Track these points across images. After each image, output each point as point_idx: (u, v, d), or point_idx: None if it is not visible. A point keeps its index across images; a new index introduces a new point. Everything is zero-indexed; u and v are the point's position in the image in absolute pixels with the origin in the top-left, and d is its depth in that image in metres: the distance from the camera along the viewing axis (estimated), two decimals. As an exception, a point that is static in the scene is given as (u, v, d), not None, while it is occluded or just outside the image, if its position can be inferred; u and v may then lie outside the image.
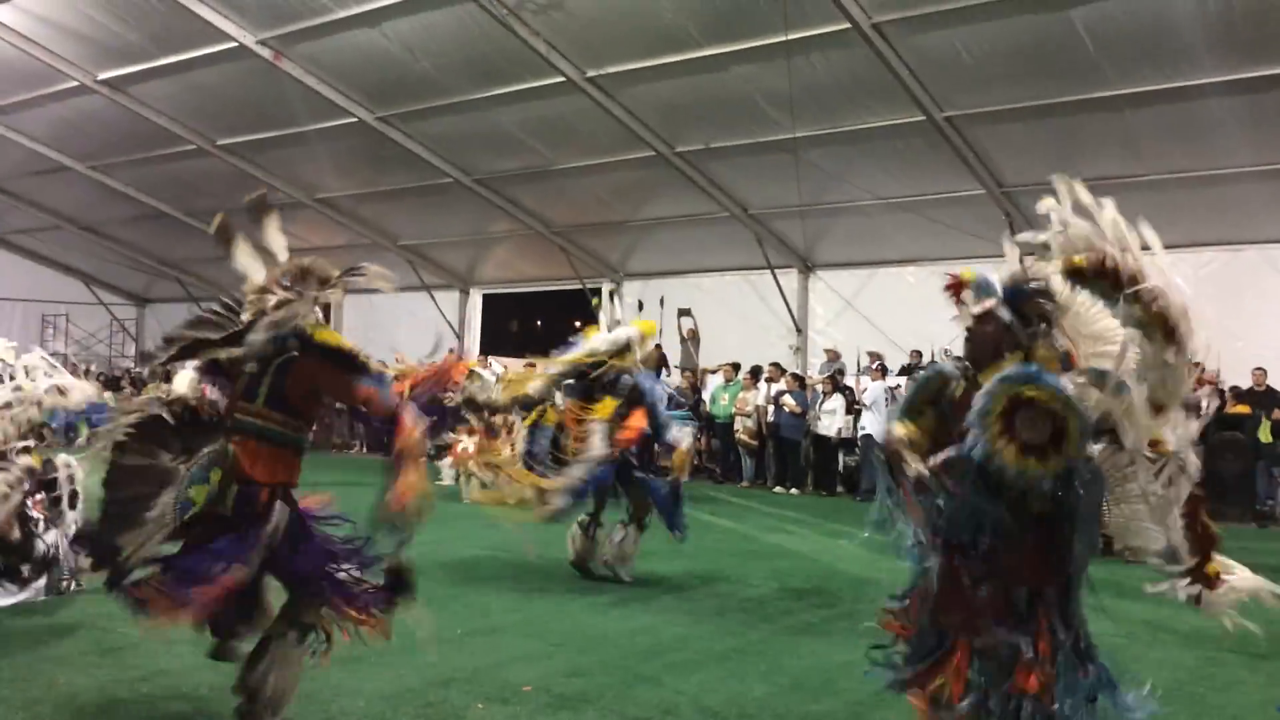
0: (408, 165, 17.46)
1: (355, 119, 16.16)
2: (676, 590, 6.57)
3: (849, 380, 15.63)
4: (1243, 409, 12.99)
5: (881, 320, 16.52)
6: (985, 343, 3.47)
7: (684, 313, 18.10)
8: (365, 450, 18.06)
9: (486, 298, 22.57)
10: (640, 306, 19.15)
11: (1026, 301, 3.49)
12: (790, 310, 17.33)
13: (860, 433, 14.43)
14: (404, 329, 20.82)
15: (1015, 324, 3.45)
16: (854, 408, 14.76)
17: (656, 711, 3.97)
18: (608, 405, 6.84)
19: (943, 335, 16.26)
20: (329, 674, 3.94)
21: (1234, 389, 13.42)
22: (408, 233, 20.77)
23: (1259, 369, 12.95)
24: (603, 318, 7.61)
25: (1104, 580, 7.49)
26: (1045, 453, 3.07)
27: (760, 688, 4.37)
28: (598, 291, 20.02)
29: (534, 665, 4.60)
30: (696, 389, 16.41)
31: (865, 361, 15.72)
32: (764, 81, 13.38)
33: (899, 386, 14.99)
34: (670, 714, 3.94)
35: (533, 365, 8.58)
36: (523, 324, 45.57)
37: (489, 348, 22.70)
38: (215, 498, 3.44)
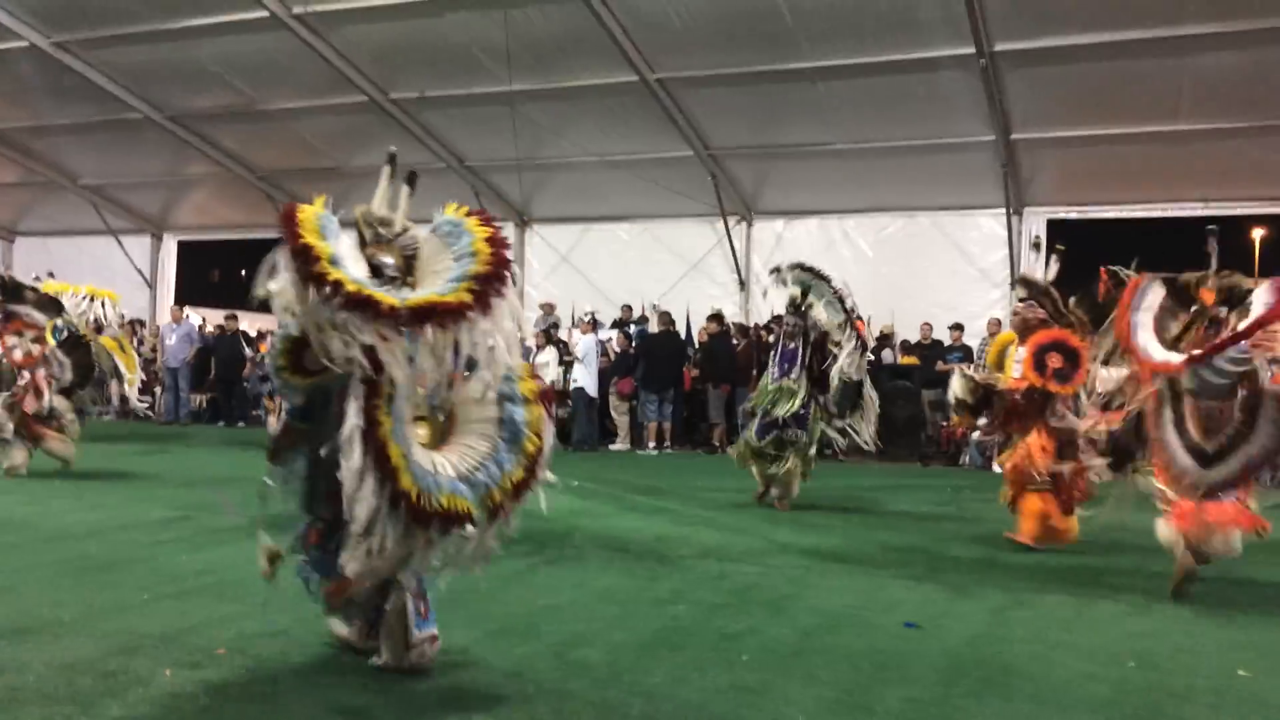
0: (91, 98, 15.99)
1: (26, 43, 14.58)
2: (384, 544, 6.49)
3: (563, 334, 15.89)
4: (912, 360, 14.35)
5: (595, 275, 16.90)
6: None
7: (397, 264, 17.70)
8: None
9: (182, 244, 21.08)
10: (352, 257, 18.49)
11: None
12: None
13: (572, 385, 14.72)
14: (88, 277, 19.09)
15: None
16: (566, 361, 15.03)
17: (357, 666, 3.93)
18: None
19: (653, 290, 16.94)
20: (-8, 648, 3.63)
21: (904, 342, 14.80)
22: (90, 171, 19.02)
23: (925, 324, 14.33)
24: None
25: (789, 520, 8.06)
26: None
27: (465, 635, 4.42)
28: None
29: (229, 627, 4.42)
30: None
31: (579, 315, 16.04)
32: (481, 32, 13.25)
33: (610, 340, 15.43)
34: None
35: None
36: (225, 274, 42.98)
37: (186, 298, 21.28)
38: None
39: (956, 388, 7.29)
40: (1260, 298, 5.54)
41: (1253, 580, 6.16)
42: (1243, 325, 5.37)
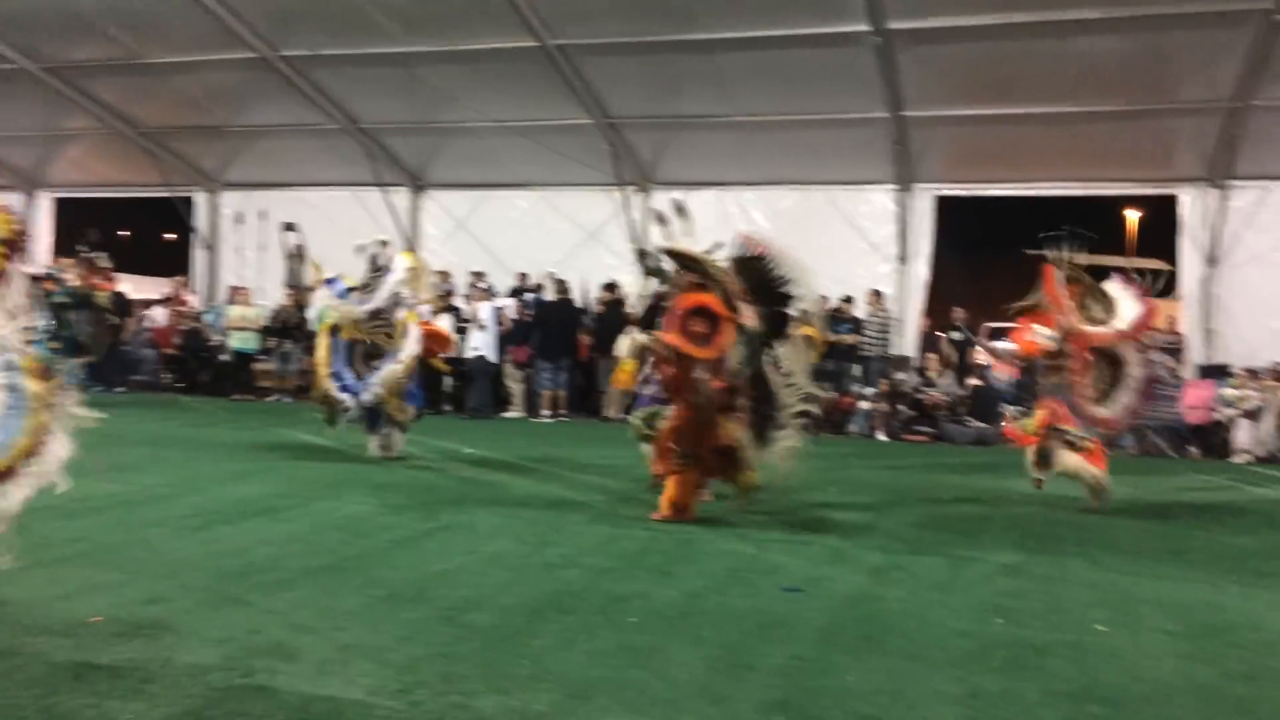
0: (-43, 46, 15.13)
1: (-114, -16, 13.76)
2: (268, 513, 6.39)
3: (458, 301, 15.75)
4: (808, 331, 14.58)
5: (492, 242, 16.76)
6: None
7: (288, 227, 17.32)
8: None
9: (59, 202, 20.20)
10: (240, 219, 18.05)
11: None
12: (401, 229, 17.09)
13: (472, 352, 14.63)
14: (-47, 234, 18.22)
15: None
16: (460, 328, 14.92)
17: (241, 631, 3.88)
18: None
19: (549, 259, 16.89)
20: None
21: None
22: (-45, 123, 18.04)
23: (821, 296, 14.51)
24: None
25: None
26: None
27: (354, 600, 4.40)
28: (188, 201, 18.61)
29: (104, 595, 4.31)
30: (302, 307, 15.80)
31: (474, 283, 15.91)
32: (377, -10, 12.96)
33: (504, 308, 15.37)
34: (257, 633, 3.87)
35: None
36: (105, 233, 41.31)
37: (63, 258, 20.40)
38: None
39: (623, 349, 7.45)
40: (1114, 289, 7.91)
41: (1114, 543, 6.50)
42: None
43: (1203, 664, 3.95)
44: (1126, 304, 7.80)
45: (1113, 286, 7.95)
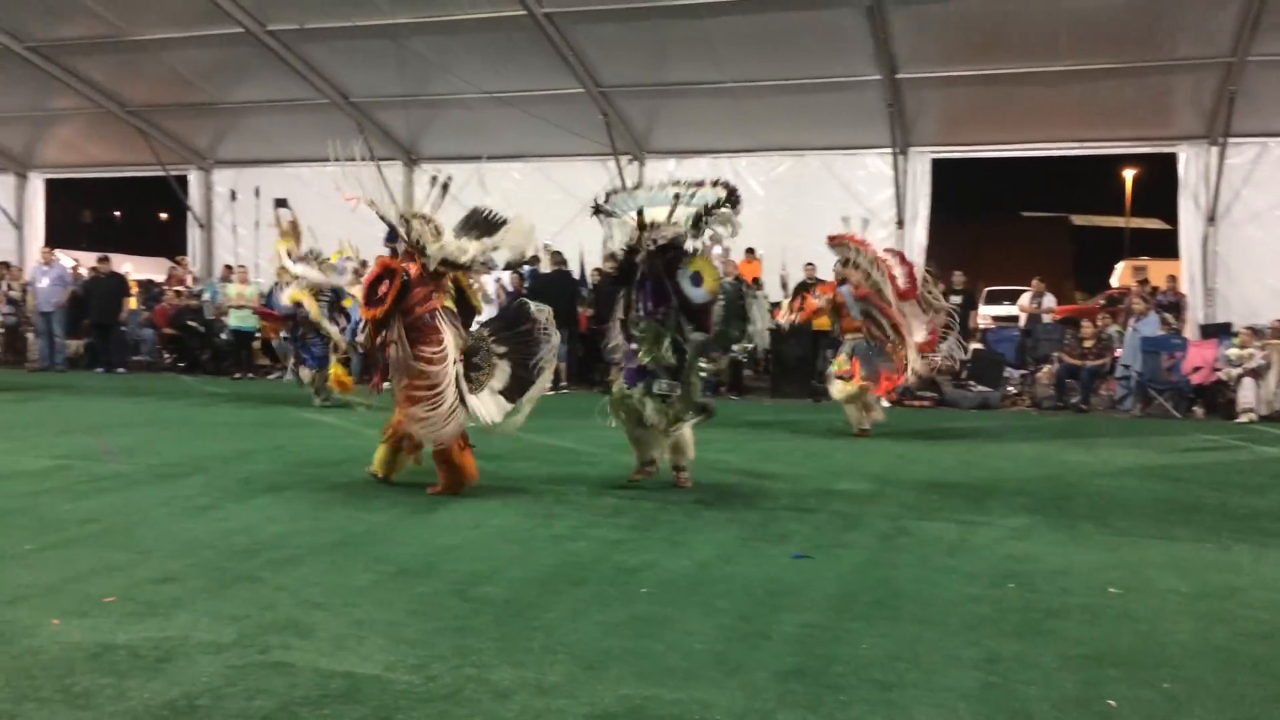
0: (-60, 26, 14.96)
1: None
2: (274, 490, 6.38)
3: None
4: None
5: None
6: None
7: (281, 203, 17.21)
8: None
9: (50, 183, 20.05)
10: (234, 196, 17.93)
11: None
12: (394, 203, 16.94)
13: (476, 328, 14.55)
14: (-54, 217, 18.18)
15: None
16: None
17: (254, 609, 3.88)
18: None
19: (547, 231, 16.77)
20: None
21: (801, 284, 14.94)
22: (-58, 105, 17.89)
23: (809, 264, 14.44)
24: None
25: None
26: None
27: (364, 576, 4.40)
28: (182, 180, 18.50)
29: (117, 575, 4.31)
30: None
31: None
32: (362, -40, 12.82)
33: (500, 280, 15.29)
34: (269, 609, 3.87)
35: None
36: (97, 214, 41.12)
37: (56, 240, 20.30)
38: None
39: None
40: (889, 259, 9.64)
41: (1125, 504, 6.51)
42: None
43: (1219, 625, 3.95)
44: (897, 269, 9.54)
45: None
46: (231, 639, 3.53)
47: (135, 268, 18.94)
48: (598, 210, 6.93)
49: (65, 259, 18.36)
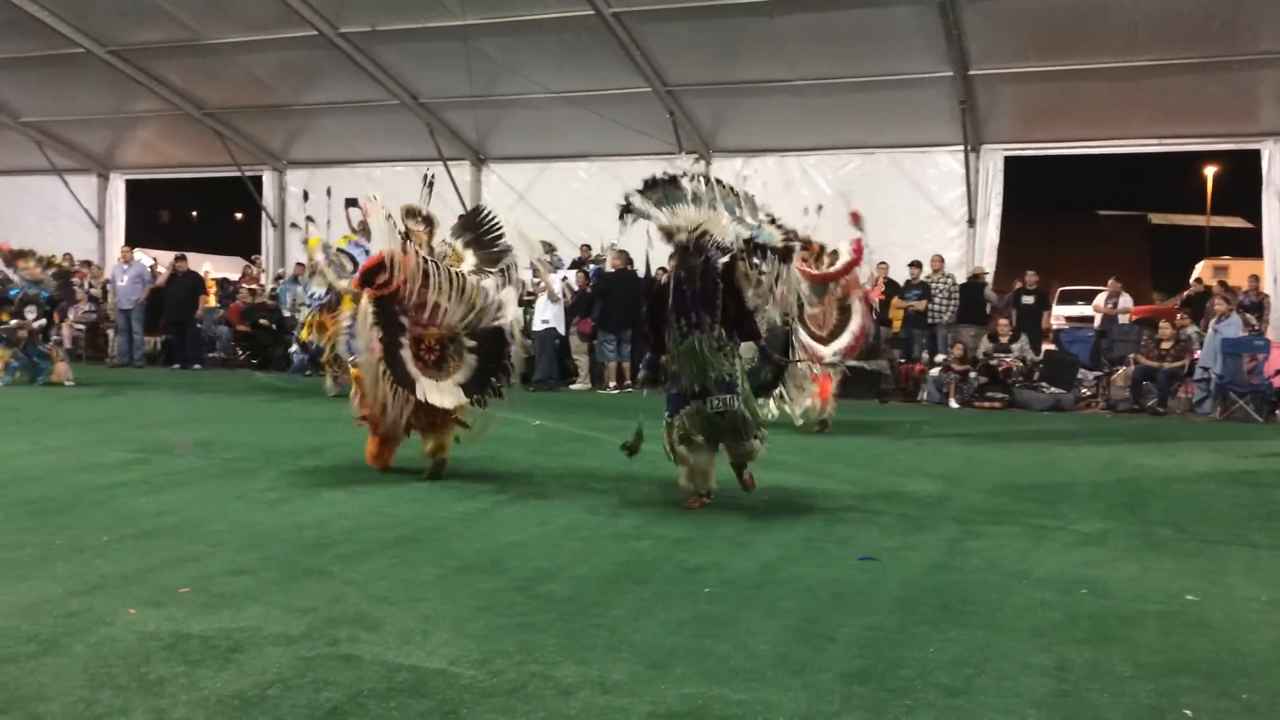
0: (30, 32, 15.47)
1: (-40, -25, 14.09)
2: (344, 485, 6.48)
3: (524, 273, 15.73)
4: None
5: (553, 214, 16.73)
6: None
7: (352, 203, 17.47)
8: None
9: (130, 184, 20.60)
10: (306, 197, 18.25)
11: None
12: (463, 203, 17.14)
13: (542, 324, 14.64)
14: (33, 217, 18.75)
15: None
16: (525, 300, 14.92)
17: (323, 602, 3.94)
18: None
19: (611, 230, 16.73)
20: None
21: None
22: (31, 109, 18.49)
23: (882, 263, 14.25)
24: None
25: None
26: None
27: (431, 571, 4.45)
28: (257, 180, 18.88)
29: (191, 567, 4.41)
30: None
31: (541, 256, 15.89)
32: (432, -37, 12.96)
33: (566, 279, 15.36)
34: (338, 603, 3.93)
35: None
36: (175, 214, 42.19)
37: (135, 239, 20.87)
38: None
39: None
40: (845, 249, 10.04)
41: (1202, 510, 6.33)
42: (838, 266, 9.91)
43: (1300, 634, 3.83)
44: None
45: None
46: (301, 631, 3.59)
47: (214, 267, 19.36)
48: (626, 210, 6.36)
49: (144, 258, 18.87)
